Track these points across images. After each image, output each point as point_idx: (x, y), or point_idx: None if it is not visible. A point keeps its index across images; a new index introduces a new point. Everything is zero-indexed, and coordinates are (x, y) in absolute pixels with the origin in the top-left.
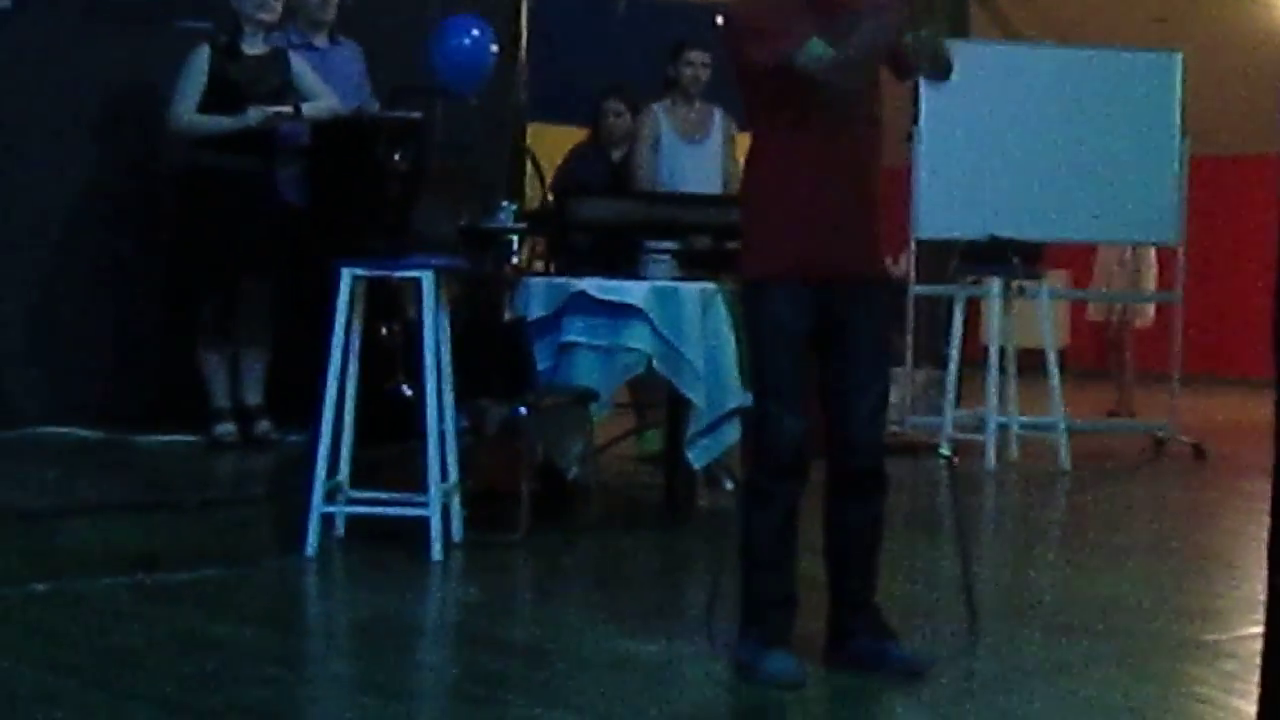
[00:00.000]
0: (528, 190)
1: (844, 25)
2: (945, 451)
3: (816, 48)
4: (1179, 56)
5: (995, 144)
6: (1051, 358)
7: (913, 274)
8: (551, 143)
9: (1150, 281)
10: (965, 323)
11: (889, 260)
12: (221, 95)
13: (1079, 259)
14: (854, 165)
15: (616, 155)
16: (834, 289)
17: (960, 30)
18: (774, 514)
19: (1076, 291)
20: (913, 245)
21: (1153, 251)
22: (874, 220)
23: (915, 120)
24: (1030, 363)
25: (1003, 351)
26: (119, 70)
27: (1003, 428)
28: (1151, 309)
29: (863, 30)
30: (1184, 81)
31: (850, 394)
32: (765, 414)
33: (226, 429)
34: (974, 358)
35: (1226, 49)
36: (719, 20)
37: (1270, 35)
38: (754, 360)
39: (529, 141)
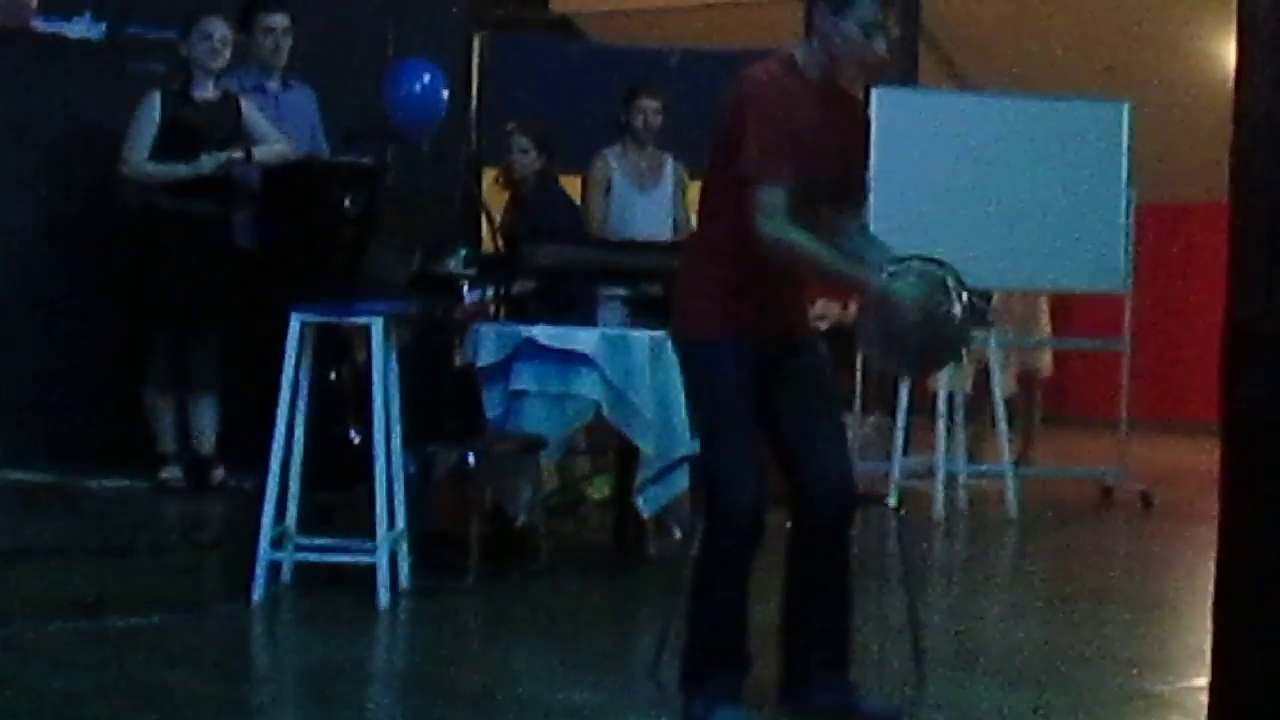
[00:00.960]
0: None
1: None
2: (892, 501)
3: (776, 204)
4: (1127, 106)
5: (945, 193)
6: (1000, 406)
7: None
8: None
9: (1045, 327)
10: None
11: (840, 307)
12: (175, 140)
13: None
14: None
15: (525, 194)
16: (773, 347)
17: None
18: (733, 574)
19: (1025, 339)
20: None
21: (1044, 297)
22: (806, 288)
23: (865, 169)
24: (981, 407)
25: (951, 398)
26: (72, 111)
27: (951, 475)
28: (1049, 359)
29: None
30: (1132, 130)
31: (814, 442)
32: (724, 473)
33: (173, 473)
34: (924, 403)
35: (1174, 97)
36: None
37: (1216, 83)
38: (705, 420)
39: (482, 185)
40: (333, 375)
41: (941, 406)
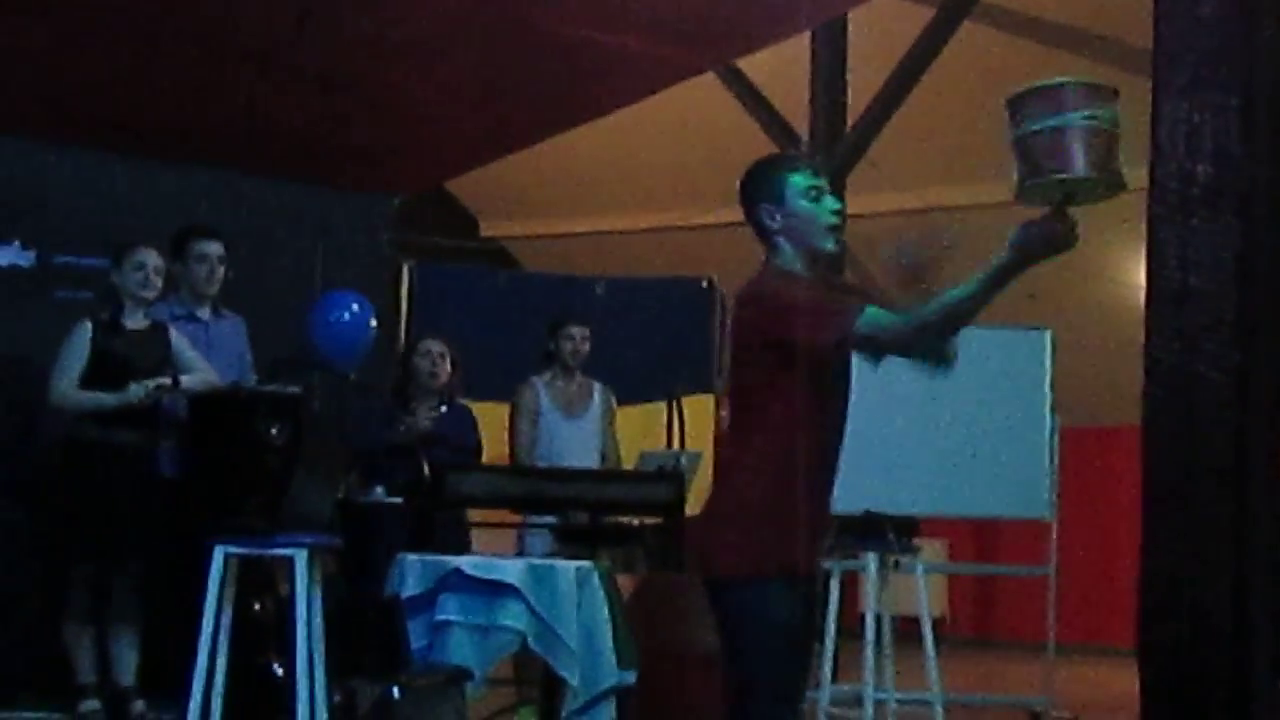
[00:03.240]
0: None
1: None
2: None
3: (879, 315)
4: (1048, 333)
5: (870, 420)
6: (928, 632)
7: None
8: None
9: None
10: (843, 594)
11: None
12: (104, 370)
13: (955, 528)
14: (830, 462)
15: (427, 412)
16: (807, 583)
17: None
18: None
19: (952, 565)
20: None
21: None
22: (830, 512)
23: None
24: (909, 629)
25: (879, 621)
26: None
27: (880, 703)
28: None
29: (950, 294)
30: (1053, 356)
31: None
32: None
33: (91, 706)
34: (851, 625)
35: (1095, 322)
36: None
37: (1138, 309)
38: (750, 663)
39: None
40: (256, 606)
41: (869, 633)
